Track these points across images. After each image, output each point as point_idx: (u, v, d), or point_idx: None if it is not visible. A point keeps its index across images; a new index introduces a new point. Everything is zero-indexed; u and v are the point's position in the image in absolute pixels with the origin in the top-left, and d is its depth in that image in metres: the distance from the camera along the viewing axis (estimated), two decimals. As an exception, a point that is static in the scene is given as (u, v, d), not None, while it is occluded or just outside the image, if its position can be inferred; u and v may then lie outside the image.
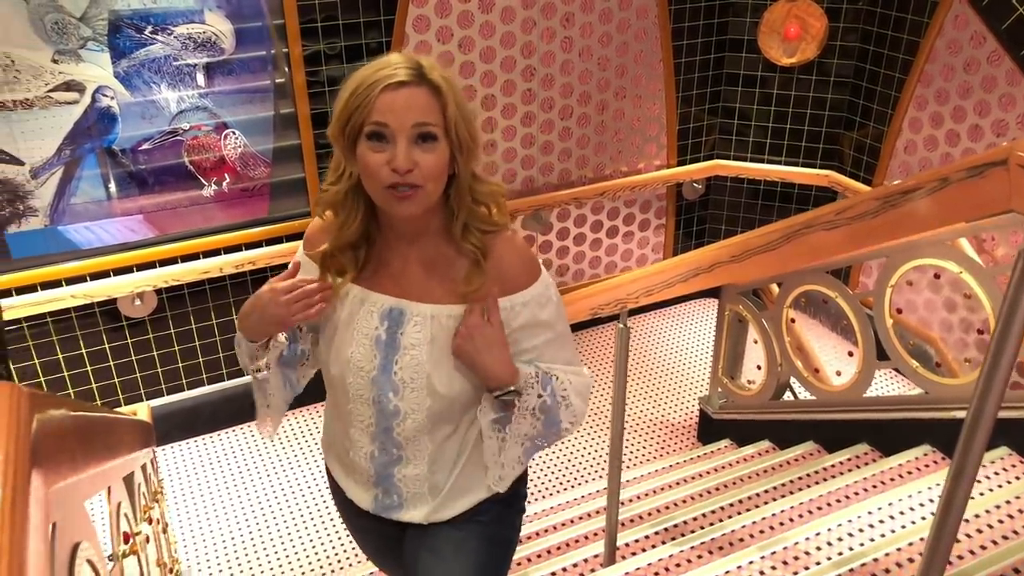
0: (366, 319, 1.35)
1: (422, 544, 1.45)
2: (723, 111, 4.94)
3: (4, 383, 0.67)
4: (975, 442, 1.27)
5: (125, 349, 4.02)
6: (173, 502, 3.90)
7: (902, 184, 1.30)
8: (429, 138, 1.23)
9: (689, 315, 5.34)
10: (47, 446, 0.70)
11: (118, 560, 1.27)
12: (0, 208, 3.54)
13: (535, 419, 1.36)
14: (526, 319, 1.34)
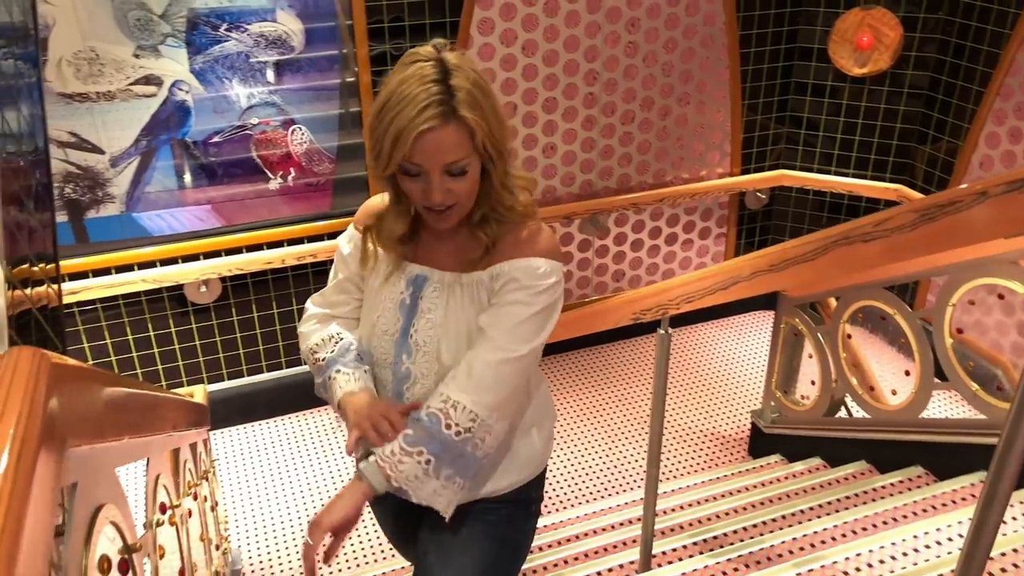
0: (395, 285, 1.44)
1: (431, 538, 1.48)
2: (790, 120, 4.84)
3: (27, 347, 0.72)
4: (1007, 468, 1.23)
5: (189, 334, 4.18)
6: (228, 484, 4.03)
7: (939, 196, 1.27)
8: (459, 172, 1.28)
9: (747, 327, 5.25)
10: (68, 409, 0.75)
11: (151, 528, 1.34)
12: (81, 194, 3.73)
13: (412, 459, 1.33)
14: (516, 277, 1.37)
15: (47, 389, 0.68)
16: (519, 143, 4.32)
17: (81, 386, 0.81)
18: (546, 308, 1.38)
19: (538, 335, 1.39)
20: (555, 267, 1.40)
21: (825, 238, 1.53)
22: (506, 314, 1.36)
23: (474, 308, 1.40)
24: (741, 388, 4.65)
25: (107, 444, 1.01)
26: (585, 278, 4.88)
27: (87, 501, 0.89)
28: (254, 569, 3.51)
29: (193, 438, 2.27)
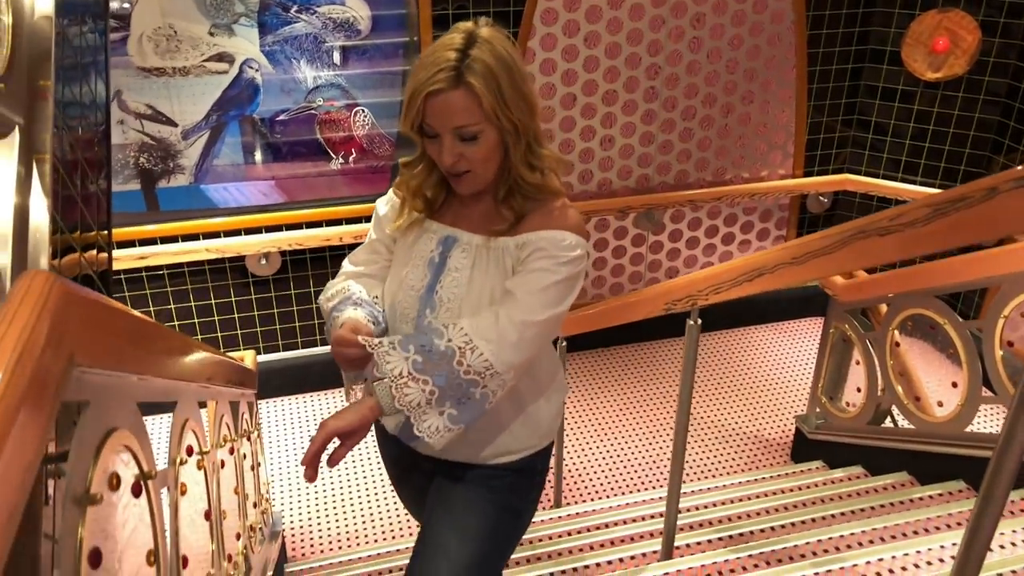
0: (426, 243, 1.51)
1: (438, 500, 1.54)
2: (857, 123, 4.74)
3: (43, 271, 0.80)
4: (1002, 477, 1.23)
5: (249, 304, 4.35)
6: (276, 451, 4.19)
7: (951, 192, 1.27)
8: (470, 136, 1.35)
9: (799, 332, 5.17)
10: (78, 328, 0.83)
11: (173, 465, 1.43)
12: (154, 164, 3.92)
13: (417, 385, 1.37)
14: (541, 247, 1.42)
15: (56, 305, 0.76)
16: (576, 134, 4.35)
17: (95, 310, 0.89)
18: (569, 279, 1.44)
19: (560, 303, 1.44)
20: (581, 241, 1.45)
21: (843, 232, 1.53)
22: (532, 279, 1.42)
23: (498, 272, 1.45)
24: (788, 393, 4.59)
25: (128, 376, 1.10)
26: (637, 273, 4.88)
27: (99, 423, 0.98)
28: (294, 532, 3.65)
29: (234, 396, 2.39)
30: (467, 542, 1.48)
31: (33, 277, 0.78)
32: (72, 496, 0.88)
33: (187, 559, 1.46)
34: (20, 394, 0.66)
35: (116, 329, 1.00)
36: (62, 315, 0.78)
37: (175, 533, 1.40)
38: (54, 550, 0.86)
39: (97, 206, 1.81)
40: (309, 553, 3.53)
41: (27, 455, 0.68)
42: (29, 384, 0.68)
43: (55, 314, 0.75)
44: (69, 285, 0.83)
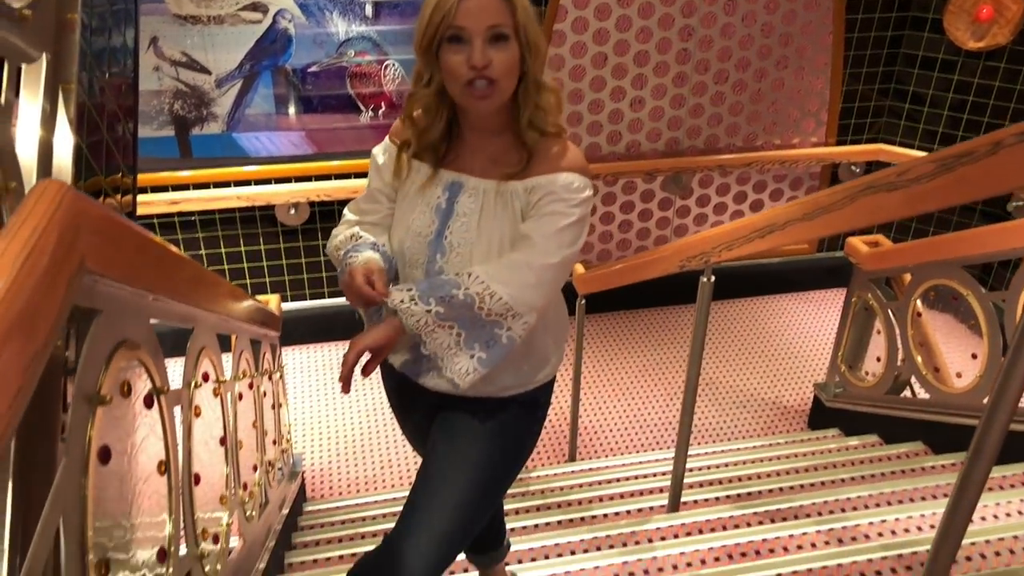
0: (432, 190, 1.51)
1: (440, 432, 1.58)
2: (894, 93, 4.65)
3: (54, 180, 0.85)
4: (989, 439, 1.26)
5: (277, 253, 4.43)
6: (300, 395, 4.30)
7: (956, 147, 1.26)
8: (501, 38, 1.36)
9: (823, 302, 5.14)
10: (89, 235, 0.88)
11: (188, 387, 1.50)
12: (188, 111, 3.99)
13: (445, 330, 1.42)
14: (551, 191, 1.44)
15: (69, 209, 0.81)
16: (606, 94, 4.33)
17: (107, 221, 0.94)
18: (580, 219, 1.48)
19: (574, 244, 1.48)
20: (587, 182, 1.49)
21: (852, 188, 1.53)
22: (546, 223, 1.45)
23: (507, 216, 1.48)
24: (809, 361, 4.58)
25: (141, 293, 1.15)
26: (663, 237, 4.88)
27: (111, 332, 1.04)
28: (314, 474, 3.75)
29: (255, 335, 2.46)
30: (468, 471, 1.52)
31: (47, 185, 0.83)
32: (83, 394, 0.94)
33: (199, 477, 1.54)
34: (32, 285, 0.71)
35: (127, 243, 1.05)
36: (74, 219, 0.83)
37: (188, 451, 1.47)
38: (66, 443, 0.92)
39: (124, 150, 1.87)
40: (328, 494, 3.64)
41: (37, 341, 0.73)
42: (41, 277, 0.73)
43: (67, 216, 0.80)
44: (82, 195, 0.88)
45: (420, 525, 1.50)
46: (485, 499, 1.57)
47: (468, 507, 1.53)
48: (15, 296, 0.68)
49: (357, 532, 2.89)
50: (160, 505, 1.24)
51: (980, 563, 1.99)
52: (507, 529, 2.07)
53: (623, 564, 2.21)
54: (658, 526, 2.50)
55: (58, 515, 0.87)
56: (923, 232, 4.75)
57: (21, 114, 1.28)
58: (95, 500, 0.94)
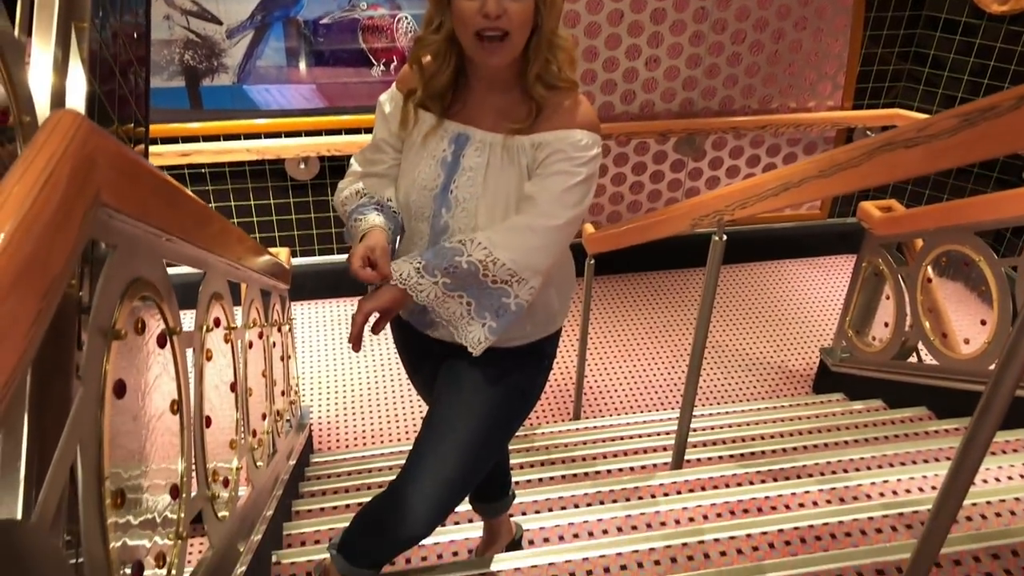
0: (437, 142, 1.49)
1: (446, 381, 1.59)
2: (914, 56, 4.58)
3: (69, 110, 0.85)
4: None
5: (287, 207, 4.43)
6: (308, 350, 4.33)
7: (981, 102, 1.24)
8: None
9: (832, 268, 5.13)
10: (104, 166, 0.87)
11: (199, 330, 1.51)
12: (198, 62, 3.96)
13: (455, 300, 1.43)
14: (558, 149, 1.42)
15: (84, 140, 0.81)
16: (621, 52, 4.27)
17: (122, 156, 0.94)
18: (587, 178, 1.45)
19: (580, 204, 1.45)
20: (596, 139, 1.45)
21: (870, 144, 1.51)
22: (552, 183, 1.43)
23: (514, 170, 1.46)
24: (815, 326, 4.58)
25: (155, 232, 1.16)
26: (674, 199, 4.85)
27: (126, 268, 1.04)
28: (321, 426, 3.79)
29: (265, 285, 2.47)
30: (472, 420, 1.54)
31: (62, 115, 0.83)
32: (98, 327, 0.95)
33: (210, 420, 1.55)
34: (49, 214, 0.71)
35: (142, 180, 1.05)
36: (90, 150, 0.83)
37: (199, 393, 1.48)
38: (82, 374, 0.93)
39: (137, 100, 1.86)
40: (335, 447, 3.68)
41: (54, 269, 0.73)
42: (58, 206, 0.73)
43: (83, 147, 0.80)
44: (98, 127, 0.88)
45: (425, 470, 1.52)
46: (489, 446, 1.59)
47: (472, 454, 1.55)
48: (32, 224, 0.69)
49: (363, 483, 2.93)
50: (172, 444, 1.26)
51: (980, 523, 2.01)
52: (512, 481, 2.09)
53: (626, 517, 2.23)
54: (662, 482, 2.53)
55: (75, 445, 0.89)
56: (936, 200, 4.71)
57: (34, 56, 1.27)
58: (110, 433, 0.96)
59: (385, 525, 1.57)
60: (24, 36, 1.21)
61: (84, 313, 1.16)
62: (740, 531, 2.04)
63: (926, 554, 1.55)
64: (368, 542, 1.62)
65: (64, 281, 0.77)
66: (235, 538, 1.78)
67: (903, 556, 1.72)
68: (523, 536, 2.19)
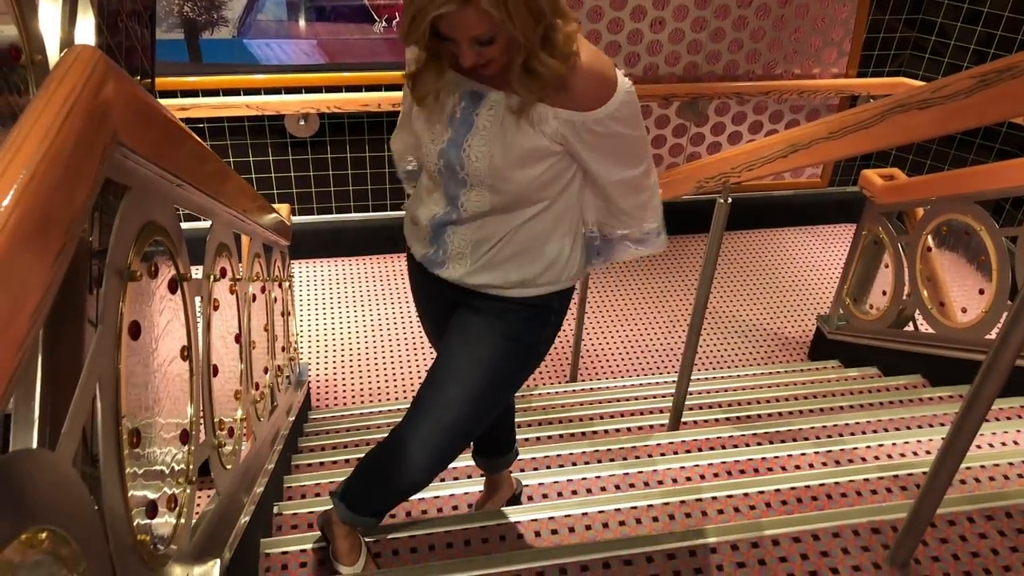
0: (448, 98, 1.47)
1: (455, 329, 1.60)
2: (921, 24, 4.54)
3: (87, 46, 0.84)
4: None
5: (286, 164, 4.40)
6: (307, 308, 4.33)
7: (998, 62, 1.24)
8: (487, 42, 1.28)
9: (831, 237, 5.13)
10: (120, 102, 0.86)
11: (207, 279, 1.51)
12: (198, 14, 3.90)
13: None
14: (600, 132, 1.40)
15: (102, 77, 0.80)
16: (626, 13, 4.23)
17: (137, 96, 0.93)
18: (638, 126, 1.46)
19: (646, 147, 1.52)
20: (622, 100, 1.40)
21: (882, 105, 1.51)
22: (625, 157, 1.48)
23: (534, 132, 1.42)
24: (813, 293, 4.60)
25: (167, 176, 1.15)
26: (675, 164, 4.83)
27: (140, 210, 1.03)
28: (319, 384, 3.81)
29: (267, 239, 2.47)
30: (477, 369, 1.55)
31: (81, 49, 0.82)
32: (114, 268, 0.94)
33: (217, 369, 1.56)
34: (71, 146, 0.71)
35: (156, 121, 1.04)
36: (108, 86, 0.82)
37: (207, 342, 1.49)
38: (99, 315, 0.93)
39: (143, 52, 1.83)
40: (333, 404, 3.70)
41: (76, 203, 0.73)
42: (79, 138, 0.72)
43: (101, 81, 0.79)
44: (115, 65, 0.87)
45: (426, 418, 1.54)
46: (491, 397, 1.61)
47: (473, 403, 1.56)
48: (56, 156, 0.68)
49: (362, 439, 2.95)
50: (182, 389, 1.26)
51: (974, 486, 2.04)
52: (516, 437, 2.12)
53: (624, 475, 2.26)
54: (658, 442, 2.56)
55: (94, 382, 0.89)
56: (937, 170, 4.71)
57: (42, 5, 1.25)
58: (126, 373, 0.96)
59: (386, 471, 1.59)
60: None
61: (94, 257, 1.16)
62: (737, 490, 2.07)
63: (923, 513, 1.57)
64: (369, 489, 1.64)
65: (84, 217, 0.77)
66: (239, 489, 1.80)
67: (899, 516, 1.75)
68: (523, 492, 2.22)
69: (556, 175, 1.48)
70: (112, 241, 0.95)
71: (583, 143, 1.42)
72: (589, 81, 1.38)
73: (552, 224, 1.53)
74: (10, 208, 0.61)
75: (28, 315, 0.62)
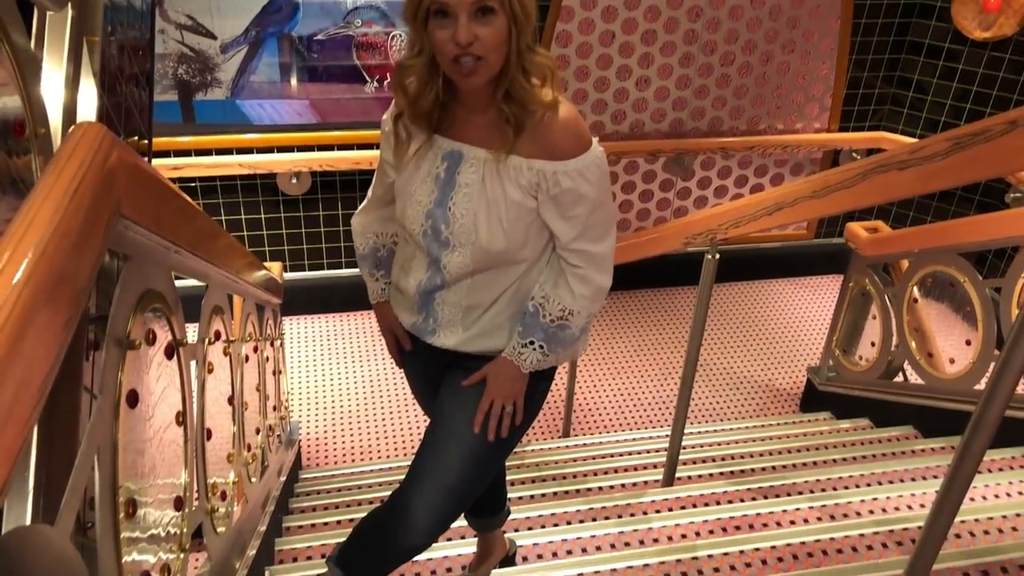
0: (431, 160, 1.51)
1: (450, 390, 1.61)
2: (898, 81, 4.67)
3: (93, 123, 0.86)
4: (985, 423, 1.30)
5: (278, 222, 4.43)
6: (298, 365, 4.31)
7: (972, 126, 1.28)
8: (487, 11, 1.32)
9: (820, 288, 5.18)
10: (124, 179, 0.88)
11: (202, 342, 1.51)
12: (192, 76, 3.97)
13: (547, 355, 1.59)
14: (568, 187, 1.44)
15: (108, 153, 0.82)
16: (612, 72, 4.33)
17: (139, 169, 0.95)
18: (606, 188, 1.50)
19: (611, 217, 1.55)
20: (593, 150, 1.46)
21: (864, 166, 1.55)
22: (589, 219, 1.49)
23: (509, 184, 1.46)
24: (803, 345, 4.63)
25: (165, 244, 1.16)
26: (662, 218, 4.89)
27: (139, 279, 1.05)
28: (309, 443, 3.78)
29: (260, 299, 2.48)
30: (475, 429, 1.55)
31: (88, 127, 0.84)
32: (114, 338, 0.95)
33: (211, 432, 1.56)
34: (79, 222, 0.73)
35: (157, 192, 1.06)
36: (112, 162, 0.84)
37: (202, 406, 1.49)
38: (99, 384, 0.93)
39: (141, 113, 1.87)
40: (323, 463, 3.67)
41: (82, 277, 0.74)
42: (86, 215, 0.74)
43: (107, 158, 0.81)
44: (119, 139, 0.89)
45: (427, 478, 1.54)
46: (491, 455, 1.61)
47: (473, 462, 1.56)
48: (63, 236, 0.70)
49: (353, 499, 2.92)
50: (177, 455, 1.26)
51: (969, 540, 2.04)
52: (508, 496, 2.10)
53: (619, 534, 2.24)
54: (653, 499, 2.55)
55: (93, 454, 0.89)
56: (921, 221, 4.79)
57: (45, 69, 1.28)
58: (124, 442, 0.96)
59: (386, 533, 1.57)
60: (38, 49, 1.22)
61: (90, 323, 1.16)
62: (733, 547, 2.06)
63: (918, 569, 1.57)
64: (369, 553, 1.62)
65: (88, 290, 0.78)
66: (231, 553, 1.78)
67: (895, 572, 1.74)
68: (516, 552, 2.20)
69: (536, 233, 1.52)
70: (112, 311, 0.96)
71: (550, 196, 1.46)
72: (565, 132, 1.44)
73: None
74: (21, 285, 0.63)
75: (37, 389, 0.63)
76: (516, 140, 1.43)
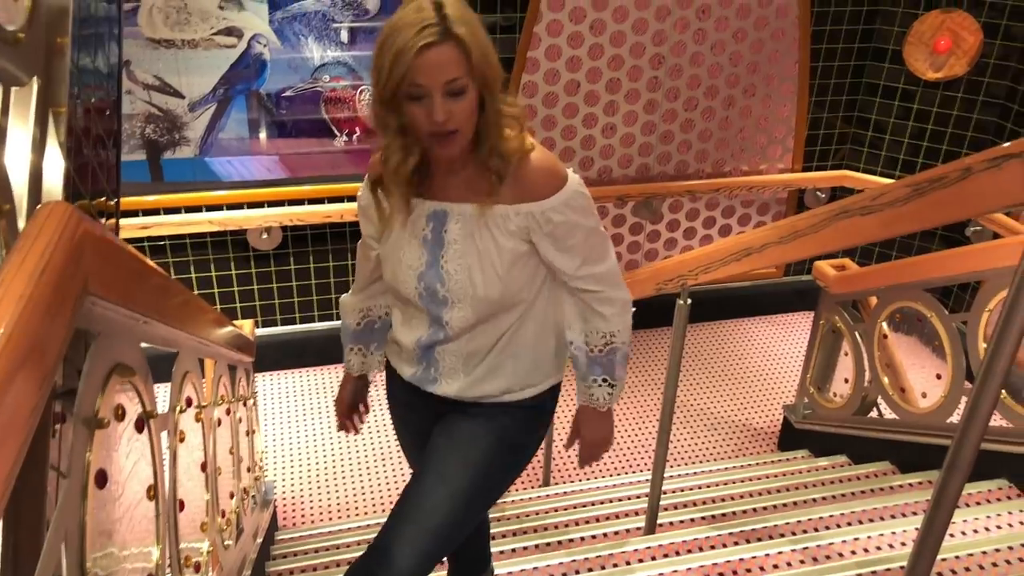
0: (416, 222, 1.52)
1: (442, 434, 1.60)
2: (857, 121, 4.79)
3: (60, 202, 0.85)
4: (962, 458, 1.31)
5: (249, 278, 4.40)
6: (272, 422, 4.25)
7: (929, 172, 1.32)
8: (459, 91, 1.36)
9: (791, 326, 5.24)
10: (92, 257, 0.88)
11: (173, 412, 1.49)
12: (160, 135, 3.97)
13: (614, 386, 1.70)
14: (560, 220, 1.47)
15: (74, 231, 0.82)
16: (579, 121, 4.40)
17: (106, 244, 0.95)
18: (593, 216, 1.54)
19: (606, 237, 1.58)
20: (573, 180, 1.51)
21: (828, 212, 1.59)
22: (585, 244, 1.53)
23: (498, 232, 1.48)
24: (777, 383, 4.66)
25: (134, 316, 1.15)
26: (634, 261, 4.94)
27: (107, 354, 1.03)
28: (285, 502, 3.71)
29: (232, 360, 2.45)
30: (467, 471, 1.54)
31: (54, 206, 0.84)
32: (82, 418, 0.94)
33: (184, 503, 1.52)
34: (46, 304, 0.72)
35: (124, 266, 1.05)
36: (79, 240, 0.83)
37: (173, 477, 1.46)
38: (66, 466, 0.91)
39: (108, 174, 1.86)
40: (300, 523, 3.59)
41: (49, 359, 0.73)
42: (53, 294, 0.73)
43: (73, 237, 0.81)
44: (86, 216, 0.88)
45: (413, 518, 1.52)
46: (480, 500, 1.60)
47: (462, 504, 1.54)
48: (32, 314, 0.69)
49: (332, 560, 2.86)
50: (148, 531, 1.23)
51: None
52: (491, 553, 2.07)
53: (603, 586, 2.22)
54: (636, 548, 2.52)
55: (61, 539, 0.87)
56: (887, 256, 4.88)
57: (9, 138, 1.27)
58: (92, 524, 0.94)
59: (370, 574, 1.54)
60: (3, 118, 1.22)
61: (56, 399, 1.14)
62: (718, 595, 2.04)
63: (903, 612, 1.56)
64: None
65: (56, 370, 0.77)
66: (206, 624, 1.73)
67: (880, 615, 1.73)
68: (501, 609, 2.16)
69: (531, 275, 1.54)
70: (81, 389, 0.94)
71: (544, 234, 1.49)
72: (542, 172, 1.48)
73: (537, 325, 1.58)
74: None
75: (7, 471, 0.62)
76: (502, 189, 1.47)
